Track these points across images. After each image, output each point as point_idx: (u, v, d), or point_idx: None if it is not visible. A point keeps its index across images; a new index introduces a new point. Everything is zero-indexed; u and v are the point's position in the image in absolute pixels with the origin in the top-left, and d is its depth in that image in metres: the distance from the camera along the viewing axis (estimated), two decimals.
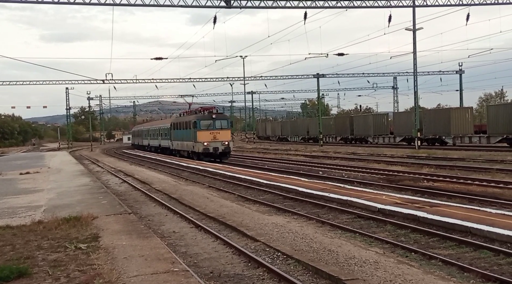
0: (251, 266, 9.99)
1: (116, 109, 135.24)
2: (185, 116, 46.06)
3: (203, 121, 39.51)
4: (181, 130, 45.01)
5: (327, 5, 29.81)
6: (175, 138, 47.75)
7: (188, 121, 42.17)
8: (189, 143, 41.75)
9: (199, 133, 39.19)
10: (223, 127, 39.41)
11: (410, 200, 15.51)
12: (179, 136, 45.86)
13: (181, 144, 45.61)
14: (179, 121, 46.21)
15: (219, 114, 40.94)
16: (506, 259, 9.58)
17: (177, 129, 46.74)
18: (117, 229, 12.08)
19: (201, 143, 38.87)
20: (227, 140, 39.32)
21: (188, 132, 41.66)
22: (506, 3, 30.78)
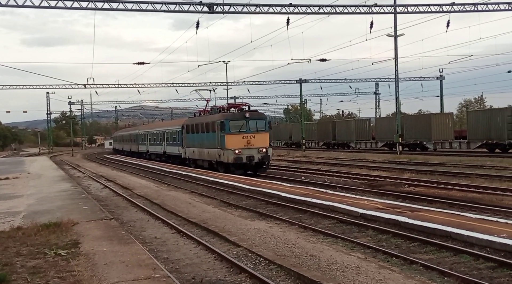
0: (233, 271, 9.95)
1: (98, 114, 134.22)
2: (204, 116, 36.13)
3: (233, 122, 30.29)
4: (198, 135, 35.34)
5: (310, 11, 29.98)
6: (190, 144, 37.72)
7: (210, 122, 32.65)
8: (213, 150, 31.94)
9: (229, 137, 30.05)
10: (259, 130, 30.20)
11: (391, 205, 15.61)
12: (196, 142, 36.02)
13: (199, 152, 35.45)
14: (196, 122, 36.48)
15: (253, 113, 31.44)
16: (486, 264, 9.68)
17: (192, 133, 36.97)
18: (97, 235, 11.96)
19: (231, 150, 29.63)
20: (265, 146, 30.07)
21: (211, 136, 32.25)
22: (485, 11, 31.25)
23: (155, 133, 52.05)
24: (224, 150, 30.15)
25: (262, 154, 29.82)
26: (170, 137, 45.55)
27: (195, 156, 36.48)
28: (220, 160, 31.04)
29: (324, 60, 56.07)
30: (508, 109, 42.47)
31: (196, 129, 35.95)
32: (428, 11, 31.46)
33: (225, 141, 30.15)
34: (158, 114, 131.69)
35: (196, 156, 36.33)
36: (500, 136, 40.84)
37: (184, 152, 39.36)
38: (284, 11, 29.74)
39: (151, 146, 54.06)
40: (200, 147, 34.88)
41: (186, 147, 38.69)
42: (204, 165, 34.58)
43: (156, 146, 51.64)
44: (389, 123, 54.01)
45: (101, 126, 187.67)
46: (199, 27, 30.96)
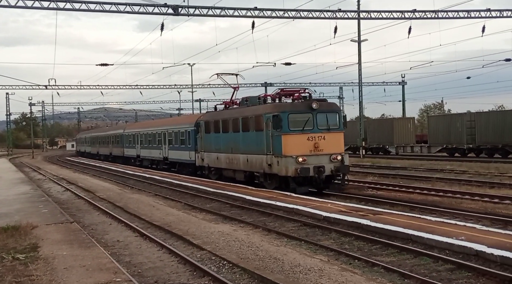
0: (196, 275, 9.90)
1: (60, 115, 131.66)
2: (238, 108, 25.64)
3: (294, 115, 20.84)
4: (227, 135, 25.47)
5: (275, 15, 30.15)
6: (210, 147, 27.59)
7: (251, 117, 23.08)
8: (256, 158, 22.40)
9: (288, 139, 20.57)
10: (331, 128, 20.91)
11: (354, 208, 15.80)
12: (223, 145, 26.03)
13: (227, 159, 25.46)
14: (222, 118, 26.43)
15: (323, 103, 21.45)
16: (445, 266, 9.88)
17: (214, 133, 27.18)
18: (57, 239, 11.73)
19: (291, 158, 20.14)
20: (339, 152, 20.86)
21: (253, 138, 22.80)
22: (445, 18, 32.04)
23: (150, 133, 40.72)
24: (280, 157, 20.46)
25: (336, 163, 20.44)
26: (174, 139, 34.71)
27: (221, 164, 26.28)
28: (270, 172, 21.35)
29: (289, 64, 56.42)
30: (467, 114, 43.61)
31: (223, 128, 25.90)
32: (391, 17, 32.05)
33: (281, 144, 20.49)
34: (122, 117, 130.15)
35: (222, 164, 26.18)
36: (459, 141, 41.86)
37: (200, 158, 28.93)
38: (249, 15, 29.83)
39: (143, 149, 42.66)
40: (231, 152, 24.74)
41: (204, 152, 28.20)
42: (238, 177, 24.63)
43: (151, 150, 40.31)
44: (353, 127, 54.73)
45: (63, 128, 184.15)
46: (164, 29, 30.77)
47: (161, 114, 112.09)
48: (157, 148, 38.77)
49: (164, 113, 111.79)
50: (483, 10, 32.33)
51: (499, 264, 9.51)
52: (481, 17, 32.65)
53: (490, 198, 18.04)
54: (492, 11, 32.41)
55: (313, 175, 20.17)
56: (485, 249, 9.99)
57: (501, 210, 15.88)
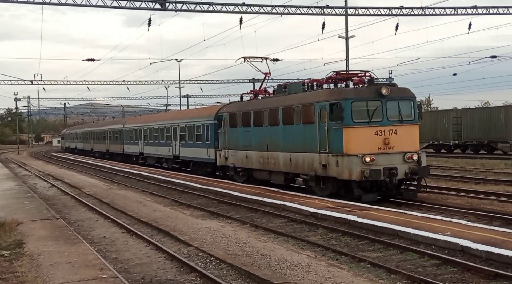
0: (183, 271, 9.87)
1: (46, 111, 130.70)
2: (276, 97, 21.71)
3: (358, 103, 17.01)
4: (261, 129, 21.50)
5: (262, 11, 30.12)
6: (238, 144, 23.43)
7: (300, 106, 18.83)
8: (304, 157, 18.45)
9: (351, 133, 16.78)
10: (404, 120, 17.26)
11: (341, 204, 15.85)
12: (254, 141, 22.06)
13: (261, 158, 21.48)
14: (254, 108, 22.30)
15: (393, 88, 17.57)
16: (430, 261, 9.96)
17: (242, 127, 23.02)
18: (43, 235, 11.64)
19: (355, 157, 16.34)
20: (415, 150, 17.23)
21: (301, 131, 18.74)
22: (432, 15, 32.19)
23: (157, 128, 35.98)
24: (340, 156, 16.61)
25: (411, 164, 16.78)
26: (188, 134, 30.41)
27: (251, 164, 22.30)
28: (325, 174, 17.41)
29: (276, 60, 56.13)
30: (453, 111, 43.90)
31: (256, 121, 21.77)
32: (378, 14, 32.15)
33: (342, 140, 16.72)
34: (109, 112, 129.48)
35: (253, 164, 22.17)
36: (446, 137, 42.14)
37: (223, 156, 24.69)
38: (237, 11, 29.76)
39: (148, 146, 38.01)
40: (267, 150, 20.84)
41: (229, 149, 24.10)
42: (275, 179, 20.89)
43: (158, 147, 35.75)
44: None
45: (49, 124, 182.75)
46: (151, 24, 30.58)
47: (148, 110, 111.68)
48: (166, 144, 34.01)
49: (152, 109, 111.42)
50: (469, 7, 32.55)
51: (484, 259, 9.61)
52: (467, 14, 32.88)
53: (475, 193, 18.19)
54: (479, 8, 32.64)
55: (386, 179, 16.34)
56: (470, 245, 10.08)
57: (486, 205, 16.01)
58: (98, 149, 55.11)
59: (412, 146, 17.24)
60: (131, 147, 42.34)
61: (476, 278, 8.86)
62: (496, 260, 9.39)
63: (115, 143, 47.68)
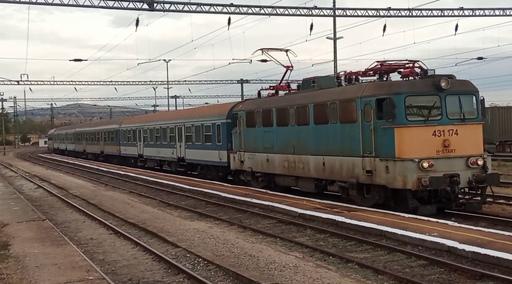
0: (171, 272, 9.84)
1: (32, 111, 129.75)
2: (306, 92, 18.88)
3: (413, 98, 14.50)
4: (289, 129, 18.89)
5: (251, 12, 30.15)
6: (257, 146, 20.95)
7: (337, 102, 16.42)
8: (346, 161, 15.89)
9: (404, 134, 14.32)
10: (466, 118, 14.78)
11: (329, 205, 15.88)
12: (277, 142, 19.60)
13: (289, 161, 18.84)
14: (278, 106, 19.73)
15: (453, 81, 14.83)
16: (417, 262, 10.01)
17: (266, 126, 20.34)
18: (29, 237, 11.54)
19: (411, 162, 13.82)
20: (479, 154, 14.68)
21: (338, 131, 16.39)
22: (419, 16, 32.44)
23: (159, 128, 33.16)
24: (391, 161, 14.12)
25: (476, 171, 14.34)
26: (195, 134, 27.68)
27: (273, 168, 19.81)
28: (371, 182, 14.93)
29: (265, 61, 56.19)
30: None
31: (279, 119, 19.36)
32: (366, 15, 32.32)
33: (394, 141, 14.26)
34: (96, 113, 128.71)
35: (275, 168, 19.66)
36: None
37: (238, 159, 22.26)
38: (225, 11, 29.78)
39: (148, 147, 35.11)
40: (293, 153, 18.45)
41: (245, 152, 21.65)
42: (303, 186, 18.48)
43: (160, 149, 32.73)
44: None
45: (35, 124, 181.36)
46: (139, 24, 30.46)
47: (136, 111, 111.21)
48: (169, 145, 31.13)
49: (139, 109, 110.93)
50: (456, 9, 32.85)
51: (470, 260, 9.67)
52: (454, 16, 33.19)
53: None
54: (465, 10, 32.96)
55: (446, 188, 13.81)
56: (457, 245, 10.14)
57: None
58: (91, 150, 52.17)
59: (476, 149, 14.58)
60: (129, 148, 39.50)
61: (462, 278, 8.92)
62: (482, 260, 9.46)
63: (110, 144, 44.75)
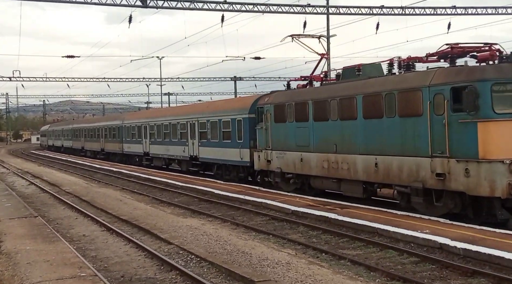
0: (163, 269, 9.83)
1: (24, 108, 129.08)
2: (351, 81, 16.57)
3: (501, 86, 12.02)
4: (329, 124, 16.76)
5: (244, 9, 30.08)
6: (288, 144, 18.87)
7: (396, 92, 13.96)
8: (409, 162, 13.54)
9: (490, 129, 11.90)
10: None
11: (322, 202, 15.92)
12: (316, 141, 17.46)
13: (329, 162, 16.69)
14: (320, 97, 17.40)
15: None
16: (409, 259, 10.05)
17: (299, 121, 18.22)
18: (21, 233, 11.49)
19: (500, 164, 11.56)
20: None
21: (397, 127, 13.98)
22: (412, 14, 32.50)
23: (168, 124, 30.71)
24: (471, 163, 11.99)
25: None
26: (211, 131, 25.48)
27: (309, 169, 17.68)
28: (443, 187, 12.67)
29: (258, 58, 56.36)
30: None
31: (317, 113, 17.22)
32: (359, 13, 32.34)
33: (477, 139, 12.04)
34: (89, 110, 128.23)
35: (311, 169, 17.56)
36: None
37: (264, 159, 20.15)
38: (218, 8, 29.68)
39: (155, 145, 32.82)
40: (335, 151, 16.32)
41: (273, 150, 19.53)
42: (347, 190, 16.23)
43: (169, 146, 30.44)
44: None
45: (27, 121, 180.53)
46: (132, 21, 30.32)
47: (129, 108, 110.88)
48: (180, 143, 28.87)
49: (133, 106, 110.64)
50: (448, 7, 32.94)
51: (462, 257, 9.73)
52: (447, 14, 33.27)
53: None
54: (458, 8, 33.05)
55: None
56: (448, 242, 10.20)
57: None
58: (90, 147, 49.43)
59: None
60: (133, 145, 36.83)
61: (454, 275, 8.97)
62: (474, 257, 9.52)
63: (112, 141, 41.98)
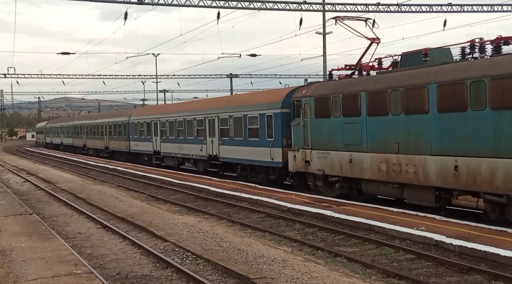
0: (159, 266, 9.81)
1: (19, 105, 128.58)
2: (415, 68, 14.16)
3: None
4: (388, 119, 14.39)
5: (240, 6, 30.02)
6: (332, 142, 16.67)
7: (490, 78, 11.54)
8: (508, 165, 11.17)
9: None
10: None
11: (318, 199, 15.92)
12: (371, 139, 15.10)
13: (388, 163, 14.33)
14: (376, 88, 14.92)
15: None
16: (405, 256, 10.06)
17: (347, 116, 15.95)
18: (16, 231, 11.45)
19: None
20: None
21: (490, 121, 11.64)
22: (408, 12, 32.54)
23: (182, 121, 28.50)
24: None
25: None
26: (234, 127, 23.18)
27: (361, 172, 15.36)
28: None
29: (254, 55, 56.37)
30: None
31: (372, 107, 14.97)
32: (355, 10, 32.32)
33: None
34: (84, 107, 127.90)
35: (364, 172, 15.24)
36: None
37: (301, 159, 17.90)
38: (214, 5, 29.61)
39: (167, 143, 30.41)
40: (397, 151, 14.03)
41: (312, 149, 17.39)
42: (413, 197, 13.86)
43: (184, 145, 28.12)
44: None
45: (22, 118, 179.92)
46: (128, 18, 30.23)
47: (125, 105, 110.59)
48: (196, 141, 26.57)
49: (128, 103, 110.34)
50: (444, 5, 32.98)
51: (457, 254, 9.74)
52: (442, 11, 33.31)
53: None
54: (454, 6, 33.10)
55: None
56: (444, 239, 10.22)
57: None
58: (93, 145, 47.16)
59: None
60: (141, 143, 34.41)
61: (449, 272, 8.99)
62: (469, 254, 9.54)
63: (117, 138, 39.56)
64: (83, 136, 50.65)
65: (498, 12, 34.90)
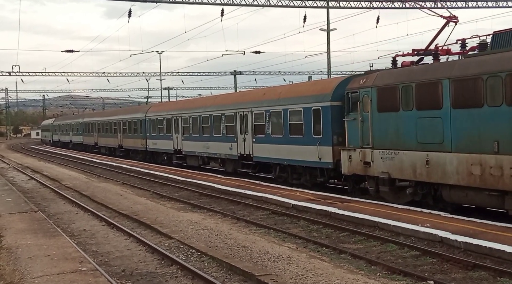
0: (164, 263, 9.83)
1: (24, 103, 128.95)
2: None
3: None
4: (482, 112, 11.62)
5: (244, 3, 30.04)
6: (400, 141, 14.05)
7: None
8: None
9: None
10: None
11: (322, 196, 15.91)
12: (454, 136, 12.38)
13: (491, 165, 11.38)
14: (464, 74, 12.13)
15: None
16: (410, 252, 10.05)
17: (422, 109, 13.28)
18: (21, 228, 11.49)
19: None
20: None
21: None
22: (412, 8, 32.47)
23: (207, 117, 25.92)
24: None
25: None
26: (271, 123, 20.70)
27: (442, 176, 12.71)
28: None
29: (258, 53, 56.34)
30: None
31: (458, 98, 12.32)
32: (359, 7, 32.28)
33: None
34: (88, 104, 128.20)
35: (447, 176, 12.57)
36: None
37: (358, 159, 15.50)
38: (218, 2, 29.63)
39: (190, 141, 27.84)
40: (495, 152, 11.41)
41: (374, 149, 14.96)
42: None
43: (210, 143, 25.65)
44: None
45: (27, 116, 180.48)
46: (132, 16, 30.33)
47: (129, 103, 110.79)
48: (224, 139, 24.11)
49: (132, 101, 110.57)
50: (449, 1, 32.88)
51: (462, 250, 9.72)
52: (447, 7, 33.18)
53: None
54: (458, 2, 32.99)
55: None
56: (449, 236, 10.19)
57: None
58: (105, 143, 44.27)
59: None
60: (160, 141, 31.72)
61: (454, 268, 8.97)
62: (474, 250, 9.51)
63: (132, 136, 37.05)
64: (94, 134, 47.68)
65: (503, 7, 34.78)
